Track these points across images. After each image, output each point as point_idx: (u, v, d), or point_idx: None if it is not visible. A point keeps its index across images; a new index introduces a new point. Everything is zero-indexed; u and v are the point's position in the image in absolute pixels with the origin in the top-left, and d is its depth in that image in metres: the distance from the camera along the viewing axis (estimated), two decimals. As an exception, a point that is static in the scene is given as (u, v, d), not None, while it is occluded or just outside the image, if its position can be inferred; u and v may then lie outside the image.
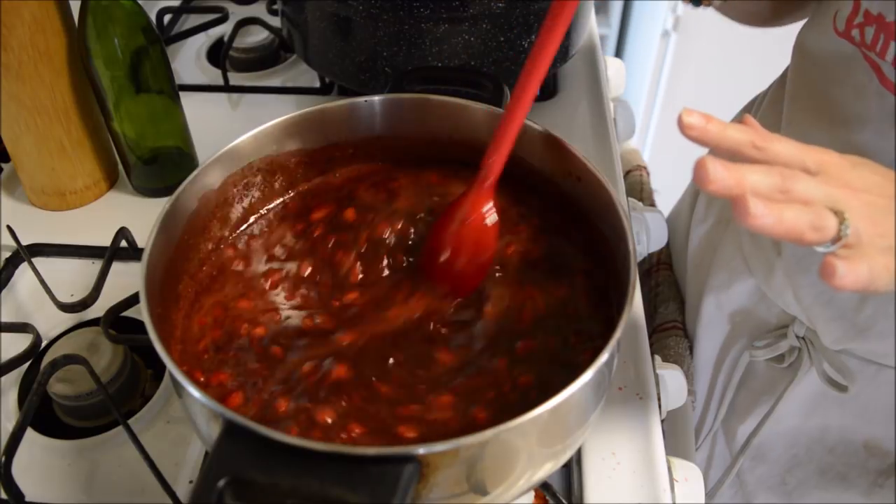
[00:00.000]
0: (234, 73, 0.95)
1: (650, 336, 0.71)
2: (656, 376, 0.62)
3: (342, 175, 0.62)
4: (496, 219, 0.53)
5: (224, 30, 0.99)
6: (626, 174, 0.98)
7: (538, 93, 0.89)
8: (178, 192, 0.51)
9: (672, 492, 0.55)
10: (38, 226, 0.75)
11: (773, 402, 0.72)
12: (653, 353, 0.64)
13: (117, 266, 0.67)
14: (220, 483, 0.36)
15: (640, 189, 0.95)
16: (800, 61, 0.64)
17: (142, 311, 0.44)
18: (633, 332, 0.64)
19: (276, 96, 0.92)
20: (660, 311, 0.85)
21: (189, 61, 0.99)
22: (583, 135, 0.83)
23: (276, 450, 0.37)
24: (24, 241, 0.70)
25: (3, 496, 0.53)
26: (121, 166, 0.79)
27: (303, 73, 0.95)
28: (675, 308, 0.84)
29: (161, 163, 0.78)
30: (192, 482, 0.56)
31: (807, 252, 0.63)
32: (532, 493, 0.55)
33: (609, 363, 0.45)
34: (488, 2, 0.73)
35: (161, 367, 0.64)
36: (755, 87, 0.79)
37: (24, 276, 0.71)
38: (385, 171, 0.61)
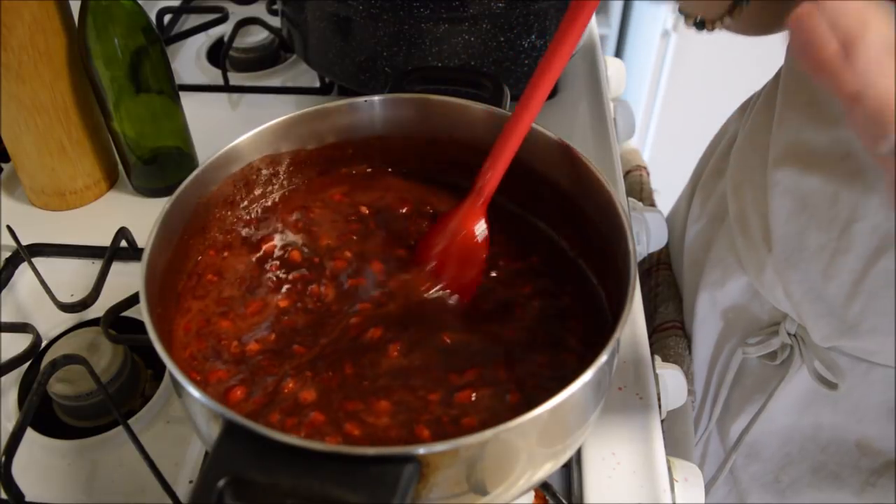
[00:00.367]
0: (234, 73, 0.96)
1: (650, 336, 0.71)
2: (656, 376, 0.62)
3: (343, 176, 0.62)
4: (486, 234, 0.53)
5: (224, 30, 0.99)
6: (626, 174, 0.98)
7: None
8: (178, 192, 0.51)
9: (672, 492, 0.55)
10: (38, 226, 0.75)
11: (765, 399, 0.72)
12: (653, 353, 0.64)
13: (117, 266, 0.67)
14: (220, 483, 0.36)
15: (640, 189, 0.95)
16: (792, 61, 0.64)
17: (142, 311, 0.44)
18: (633, 332, 0.64)
19: (276, 96, 0.92)
20: (660, 310, 0.85)
21: (189, 61, 0.99)
22: (583, 135, 0.83)
23: (276, 450, 0.37)
24: (24, 241, 0.70)
25: (3, 496, 0.53)
26: (121, 166, 0.79)
27: (303, 73, 0.95)
28: (675, 308, 0.84)
29: (161, 163, 0.78)
30: (192, 482, 0.56)
31: (796, 248, 0.63)
32: (532, 493, 0.55)
33: (609, 363, 0.45)
34: (488, 2, 0.73)
35: (161, 367, 0.64)
36: (755, 87, 0.79)
37: (24, 276, 0.71)
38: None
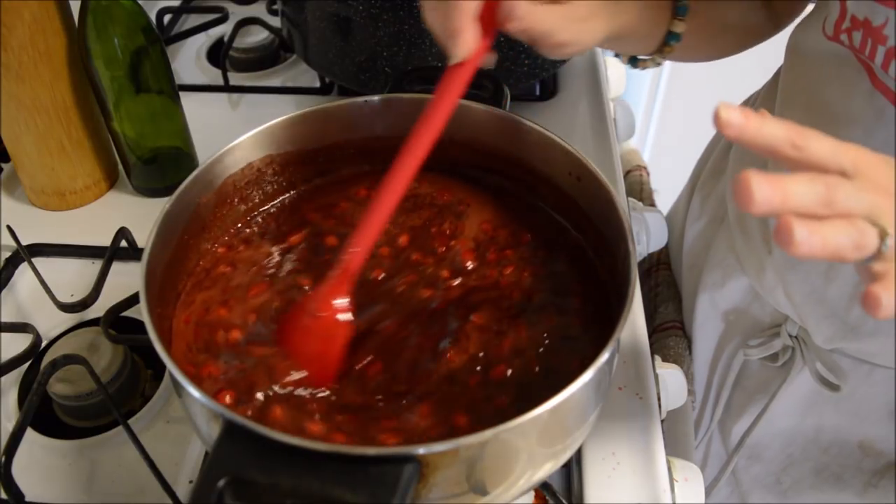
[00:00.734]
0: (234, 73, 0.95)
1: (650, 336, 0.71)
2: (656, 376, 0.62)
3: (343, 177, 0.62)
4: (350, 317, 0.49)
5: (224, 30, 0.99)
6: (626, 174, 0.98)
7: (537, 94, 0.89)
8: (178, 192, 0.51)
9: (672, 492, 0.55)
10: (38, 226, 0.75)
11: (767, 401, 0.72)
12: (653, 353, 0.64)
13: (117, 266, 0.67)
14: (220, 483, 0.36)
15: (640, 189, 0.95)
16: (792, 61, 0.64)
17: (142, 311, 0.44)
18: (633, 332, 0.64)
19: (276, 96, 0.92)
20: (660, 310, 0.85)
21: (189, 61, 0.99)
22: (583, 135, 0.83)
23: (276, 450, 0.37)
24: (24, 241, 0.70)
25: (3, 496, 0.53)
26: (121, 166, 0.79)
27: (303, 73, 0.95)
28: (675, 308, 0.84)
29: (161, 163, 0.78)
30: (192, 482, 0.56)
31: None
32: (532, 493, 0.55)
33: (609, 363, 0.45)
34: (488, 2, 0.73)
35: (161, 367, 0.64)
36: (754, 87, 0.79)
37: (24, 276, 0.71)
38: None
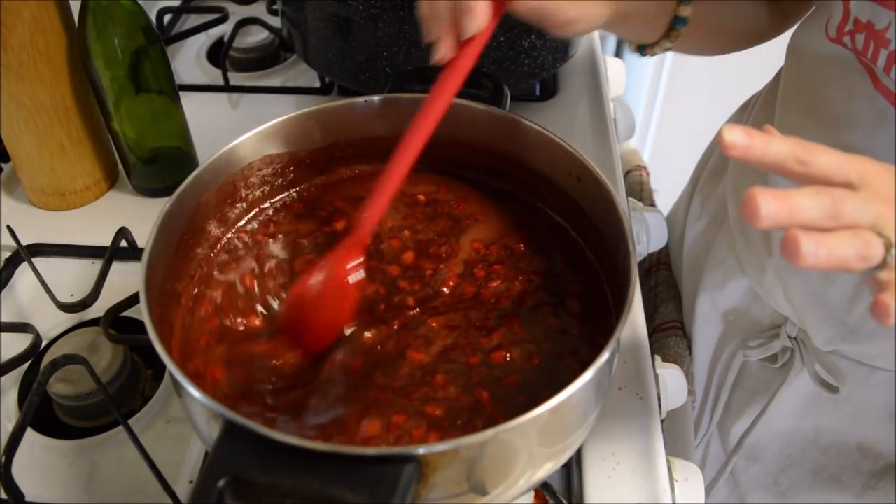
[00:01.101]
0: (234, 73, 0.95)
1: (650, 336, 0.71)
2: (656, 376, 0.62)
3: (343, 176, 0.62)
4: (362, 276, 0.51)
5: (224, 30, 0.99)
6: (626, 174, 0.98)
7: (537, 94, 0.89)
8: (178, 192, 0.51)
9: (672, 492, 0.55)
10: (38, 226, 0.75)
11: (766, 402, 0.72)
12: (653, 353, 0.64)
13: (117, 266, 0.67)
14: (220, 483, 0.36)
15: (640, 189, 0.95)
16: (793, 63, 0.64)
17: (142, 311, 0.44)
18: (633, 332, 0.64)
19: (276, 96, 0.92)
20: (660, 311, 0.85)
21: (189, 61, 0.99)
22: (583, 135, 0.83)
23: (276, 450, 0.37)
24: (24, 241, 0.70)
25: (3, 496, 0.53)
26: (121, 166, 0.79)
27: (303, 73, 0.95)
28: (675, 308, 0.84)
29: (161, 163, 0.78)
30: (192, 482, 0.56)
31: None
32: (532, 493, 0.55)
33: (609, 363, 0.45)
34: (488, 2, 0.73)
35: (161, 367, 0.64)
36: (754, 88, 0.79)
37: (24, 276, 0.71)
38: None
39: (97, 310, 0.64)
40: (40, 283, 0.66)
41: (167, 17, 1.02)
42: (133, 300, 0.62)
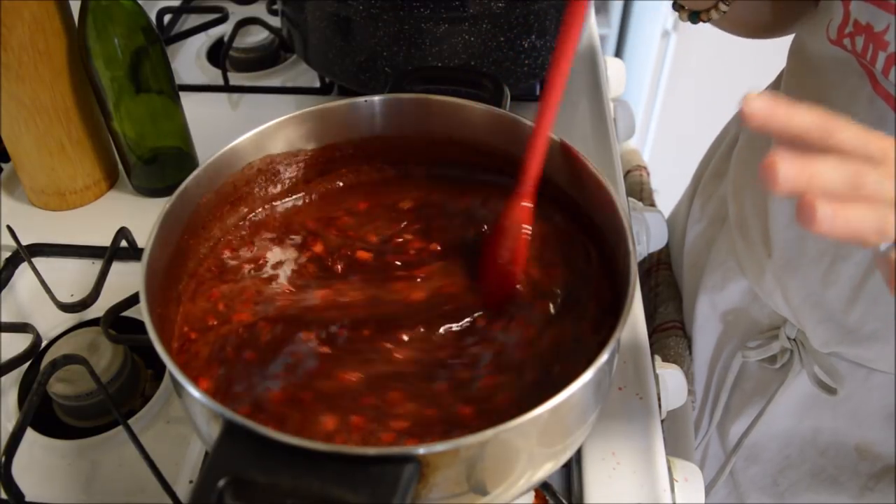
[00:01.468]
0: (234, 73, 0.96)
1: (650, 336, 0.71)
2: (656, 376, 0.62)
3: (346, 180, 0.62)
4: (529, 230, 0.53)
5: (224, 30, 0.99)
6: (626, 174, 0.98)
7: (537, 94, 0.89)
8: (178, 192, 0.51)
9: (672, 492, 0.55)
10: (38, 226, 0.75)
11: (765, 403, 0.72)
12: (653, 353, 0.64)
13: (117, 266, 0.67)
14: (220, 483, 0.36)
15: (640, 189, 0.95)
16: (795, 64, 0.64)
17: (142, 311, 0.44)
18: (633, 332, 0.64)
19: (276, 96, 0.92)
20: (660, 311, 0.85)
21: (189, 61, 0.99)
22: (583, 135, 0.83)
23: (276, 450, 0.37)
24: (24, 241, 0.70)
25: (4, 496, 0.53)
26: (121, 166, 0.79)
27: (303, 73, 0.95)
28: (675, 308, 0.84)
29: (161, 163, 0.78)
30: (192, 482, 0.56)
31: (796, 254, 0.63)
32: (532, 493, 0.55)
33: (609, 363, 0.45)
34: (488, 2, 0.73)
35: (161, 367, 0.64)
36: (755, 88, 0.79)
37: (24, 276, 0.71)
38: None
39: (97, 310, 0.64)
40: (40, 283, 0.66)
41: (167, 17, 1.02)
42: (133, 300, 0.62)
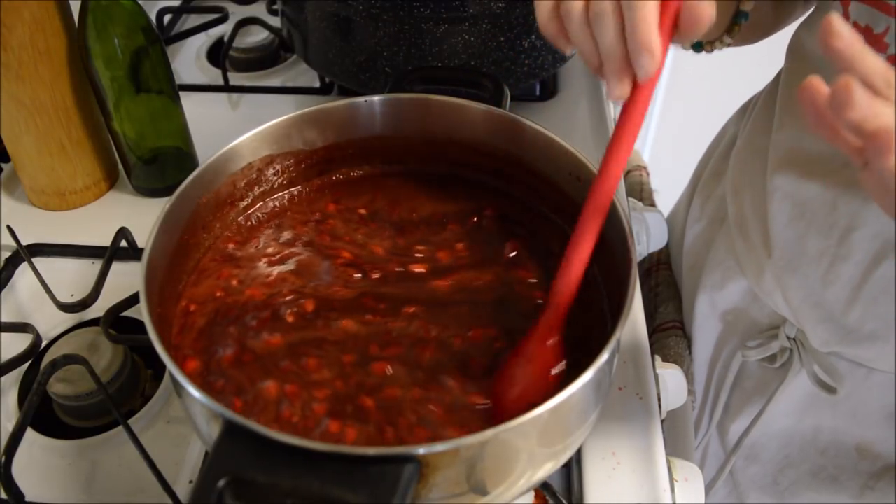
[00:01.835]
0: (234, 73, 0.96)
1: (650, 336, 0.71)
2: (656, 376, 0.62)
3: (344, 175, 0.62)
4: (563, 366, 0.48)
5: (224, 30, 0.99)
6: (626, 174, 0.98)
7: (537, 94, 0.89)
8: (178, 192, 0.51)
9: (672, 492, 0.55)
10: (38, 226, 0.75)
11: (765, 402, 0.72)
12: (653, 353, 0.64)
13: (117, 266, 0.67)
14: (220, 483, 0.36)
15: (640, 189, 0.95)
16: (794, 63, 0.64)
17: (142, 311, 0.44)
18: (633, 332, 0.64)
19: (276, 96, 0.92)
20: (660, 311, 0.85)
21: (189, 61, 0.99)
22: (583, 135, 0.83)
23: (276, 450, 0.37)
24: (24, 241, 0.70)
25: (3, 496, 0.53)
26: (121, 166, 0.79)
27: (303, 73, 0.95)
28: (675, 308, 0.84)
29: (161, 163, 0.78)
30: (192, 482, 0.56)
31: (796, 254, 0.63)
32: (532, 493, 0.55)
33: (609, 363, 0.45)
34: (488, 2, 0.73)
35: (161, 367, 0.64)
36: (755, 88, 0.79)
37: (24, 276, 0.71)
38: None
39: (97, 310, 0.64)
40: (40, 283, 0.66)
41: (167, 17, 1.02)
42: (133, 300, 0.62)
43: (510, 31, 0.76)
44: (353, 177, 0.62)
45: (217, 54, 0.98)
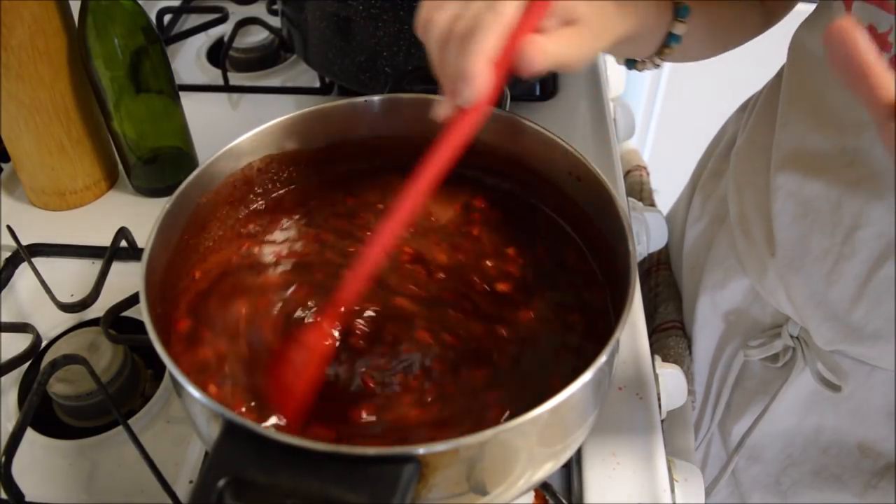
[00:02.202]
0: (234, 73, 0.96)
1: (650, 336, 0.71)
2: (656, 376, 0.62)
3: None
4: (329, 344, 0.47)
5: (224, 30, 0.99)
6: (626, 174, 0.98)
7: (537, 94, 0.89)
8: (178, 192, 0.51)
9: (672, 492, 0.55)
10: (38, 226, 0.75)
11: (768, 401, 0.72)
12: (653, 353, 0.64)
13: (117, 266, 0.67)
14: (220, 483, 0.36)
15: (640, 189, 0.95)
16: (796, 62, 0.64)
17: (142, 311, 0.44)
18: (633, 332, 0.64)
19: (276, 96, 0.92)
20: (660, 311, 0.85)
21: (189, 61, 0.99)
22: (583, 135, 0.83)
23: (276, 450, 0.37)
24: (24, 241, 0.70)
25: (3, 496, 0.53)
26: (121, 166, 0.79)
27: (303, 73, 0.95)
28: (675, 308, 0.84)
29: (161, 163, 0.78)
30: (192, 482, 0.56)
31: (800, 252, 0.63)
32: (532, 493, 0.55)
33: (609, 363, 0.45)
34: (488, 2, 0.73)
35: (161, 367, 0.64)
36: (755, 88, 0.79)
37: (24, 276, 0.71)
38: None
39: (97, 310, 0.64)
40: (40, 283, 0.66)
41: (167, 17, 1.02)
42: (133, 300, 0.62)
43: (510, 31, 0.76)
44: (354, 177, 0.62)
45: (217, 54, 0.98)
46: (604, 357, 0.41)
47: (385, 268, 0.55)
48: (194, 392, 0.40)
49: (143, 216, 0.60)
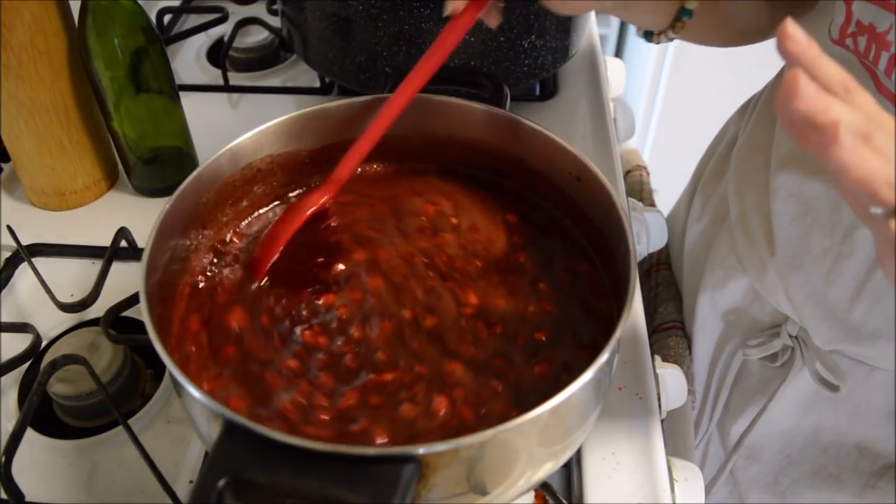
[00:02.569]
0: (234, 73, 0.96)
1: (650, 336, 0.71)
2: (656, 376, 0.62)
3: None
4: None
5: (224, 30, 0.99)
6: (626, 174, 0.98)
7: (537, 94, 0.89)
8: (178, 192, 0.51)
9: (672, 492, 0.55)
10: (38, 226, 0.75)
11: (766, 401, 0.72)
12: (653, 353, 0.64)
13: (117, 266, 0.67)
14: (220, 483, 0.36)
15: (640, 189, 0.95)
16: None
17: (142, 311, 0.44)
18: (633, 332, 0.64)
19: (276, 96, 0.92)
20: (660, 311, 0.85)
21: (189, 61, 0.99)
22: (583, 135, 0.83)
23: (276, 450, 0.37)
24: (24, 241, 0.70)
25: (3, 496, 0.53)
26: (121, 166, 0.79)
27: (303, 73, 0.95)
28: (675, 308, 0.84)
29: (161, 163, 0.78)
30: (192, 482, 0.56)
31: (799, 252, 0.63)
32: (532, 493, 0.55)
33: (609, 363, 0.45)
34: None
35: (161, 367, 0.64)
36: (754, 88, 0.79)
37: (24, 276, 0.71)
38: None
39: (97, 310, 0.64)
40: (40, 283, 0.66)
41: (167, 17, 1.02)
42: (133, 300, 0.62)
43: (510, 31, 0.76)
44: (354, 177, 0.62)
45: (217, 54, 0.98)
46: (604, 357, 0.41)
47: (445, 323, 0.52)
48: (194, 392, 0.40)
49: (143, 216, 0.60)
